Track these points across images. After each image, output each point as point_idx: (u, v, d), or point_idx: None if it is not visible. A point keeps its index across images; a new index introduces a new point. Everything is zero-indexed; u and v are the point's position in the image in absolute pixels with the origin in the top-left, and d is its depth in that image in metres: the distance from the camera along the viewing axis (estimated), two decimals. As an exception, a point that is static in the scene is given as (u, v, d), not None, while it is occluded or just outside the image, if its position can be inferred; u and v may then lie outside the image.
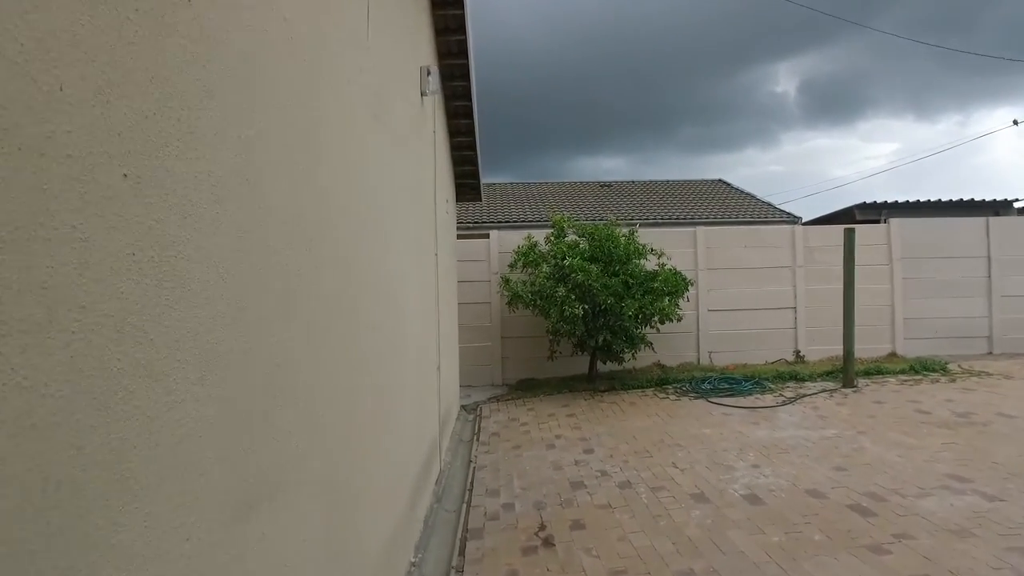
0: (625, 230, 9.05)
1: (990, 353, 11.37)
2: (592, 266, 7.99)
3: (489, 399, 8.42)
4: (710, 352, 10.56)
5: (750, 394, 7.99)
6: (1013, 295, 11.50)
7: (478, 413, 7.52)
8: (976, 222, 11.59)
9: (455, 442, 5.71)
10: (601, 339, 8.14)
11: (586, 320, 8.11)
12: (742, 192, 22.13)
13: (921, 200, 12.46)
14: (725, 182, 23.79)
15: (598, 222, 9.06)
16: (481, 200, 8.87)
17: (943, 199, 12.45)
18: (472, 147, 7.23)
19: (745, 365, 10.33)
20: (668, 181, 23.98)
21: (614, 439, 5.86)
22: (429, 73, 4.12)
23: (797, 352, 10.80)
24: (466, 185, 8.24)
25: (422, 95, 4.07)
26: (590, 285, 7.82)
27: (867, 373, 9.28)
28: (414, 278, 3.66)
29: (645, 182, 23.86)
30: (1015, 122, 22.22)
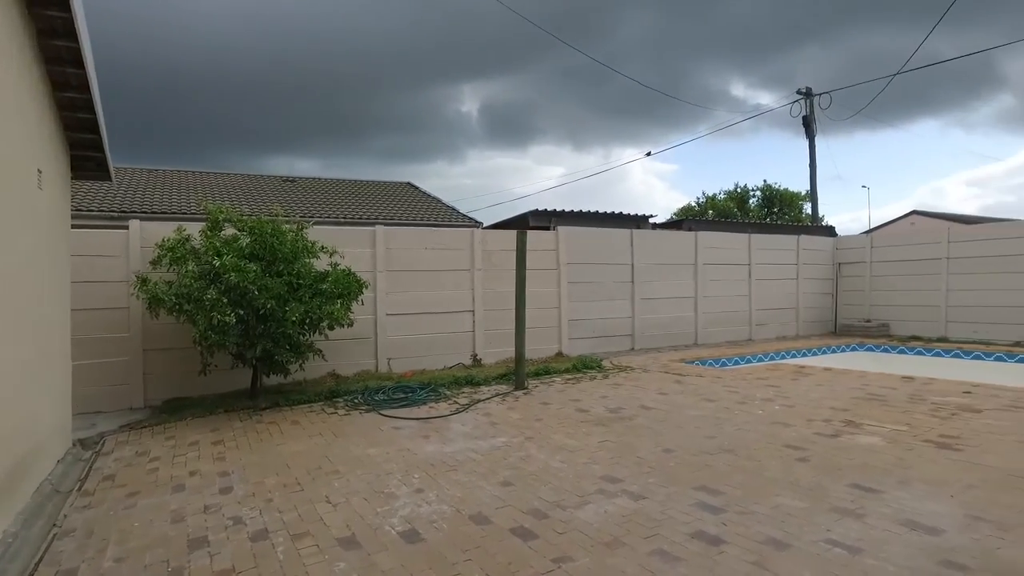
0: (293, 225, 8.13)
1: (632, 349, 12.96)
2: (251, 265, 6.93)
3: (121, 427, 6.81)
4: (389, 359, 10.16)
5: (425, 403, 7.70)
6: (647, 298, 13.29)
7: (98, 449, 5.94)
8: (623, 233, 13.13)
9: (41, 498, 4.25)
10: (260, 349, 7.11)
11: (243, 327, 7.01)
12: (429, 196, 22.49)
13: (584, 210, 13.77)
14: (413, 185, 23.99)
15: (264, 216, 7.97)
16: (111, 179, 7.13)
17: (600, 211, 13.93)
18: (90, 107, 5.65)
19: (424, 371, 10.14)
20: (356, 181, 23.33)
21: (262, 471, 4.96)
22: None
23: (475, 356, 10.98)
24: (88, 159, 6.52)
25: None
26: (247, 287, 6.75)
27: (537, 374, 9.73)
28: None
29: (332, 180, 22.89)
30: (648, 153, 26.39)
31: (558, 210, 13.31)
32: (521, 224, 12.94)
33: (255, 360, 7.42)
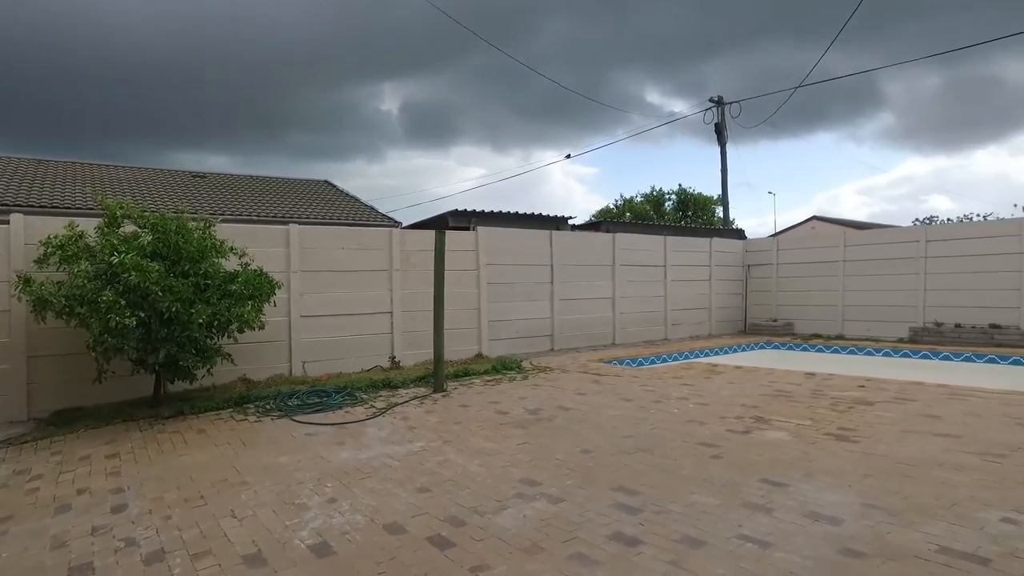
0: (200, 223, 7.70)
1: (552, 350, 13.07)
2: (154, 264, 6.50)
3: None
4: (304, 362, 9.81)
5: (341, 408, 7.46)
6: (566, 298, 13.44)
7: (-29, 470, 5.40)
8: (543, 234, 13.22)
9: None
10: (164, 354, 6.69)
11: (145, 331, 6.58)
12: (347, 195, 21.96)
13: (504, 211, 13.77)
14: (331, 183, 23.36)
15: (168, 213, 7.51)
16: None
17: (520, 211, 13.97)
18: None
19: (341, 374, 9.85)
20: (271, 178, 22.50)
21: (162, 485, 4.64)
22: None
23: (393, 358, 10.76)
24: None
25: None
26: (149, 288, 6.33)
27: (457, 376, 9.64)
28: None
29: (246, 176, 21.98)
30: (568, 156, 26.69)
31: (478, 210, 13.27)
32: (441, 224, 12.81)
33: (157, 366, 6.97)
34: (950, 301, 13.50)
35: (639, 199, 35.91)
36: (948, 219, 29.89)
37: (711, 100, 20.70)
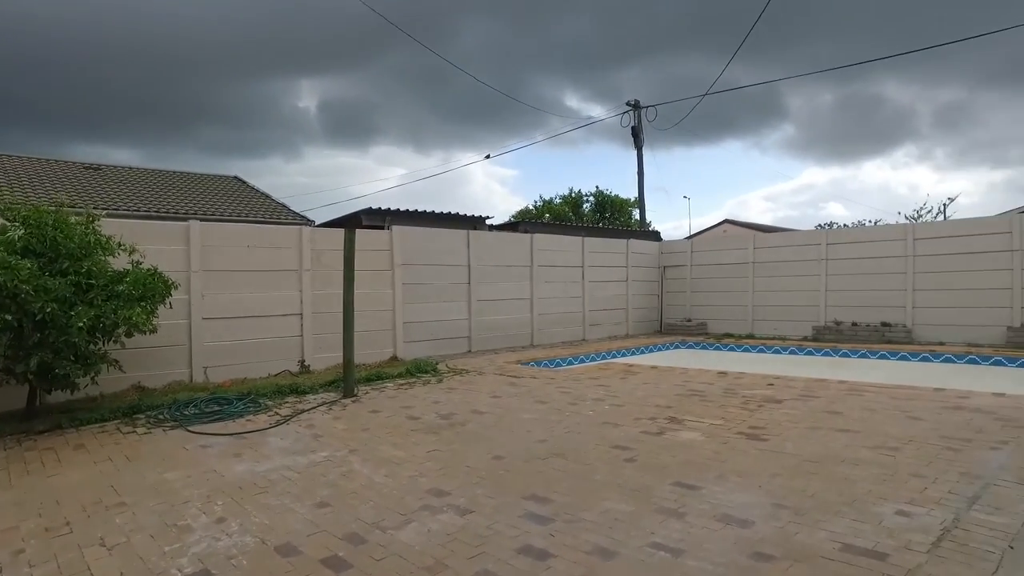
0: (83, 218, 7.04)
1: (469, 351, 12.86)
2: (25, 262, 5.85)
3: None
4: (206, 368, 9.19)
5: (242, 415, 6.98)
6: (484, 299, 13.26)
7: None
8: (460, 234, 12.99)
9: None
10: (36, 361, 6.03)
11: (14, 336, 5.92)
12: (257, 191, 21.01)
13: (420, 210, 13.44)
14: (241, 180, 22.30)
15: (45, 205, 6.82)
16: None
17: (436, 211, 13.68)
18: None
19: (246, 380, 9.28)
20: (176, 172, 21.22)
21: (19, 512, 4.11)
22: None
23: (303, 362, 10.26)
24: None
25: None
26: (18, 287, 5.69)
27: (369, 380, 9.27)
28: None
29: (147, 170, 20.60)
30: (488, 156, 26.58)
31: (393, 209, 12.89)
32: (354, 223, 12.36)
33: (30, 375, 6.28)
34: (848, 301, 14.18)
35: (558, 201, 36.24)
36: (844, 224, 31.69)
37: (628, 104, 21.08)
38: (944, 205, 32.26)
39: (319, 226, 14.39)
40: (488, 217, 14.35)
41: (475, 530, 3.62)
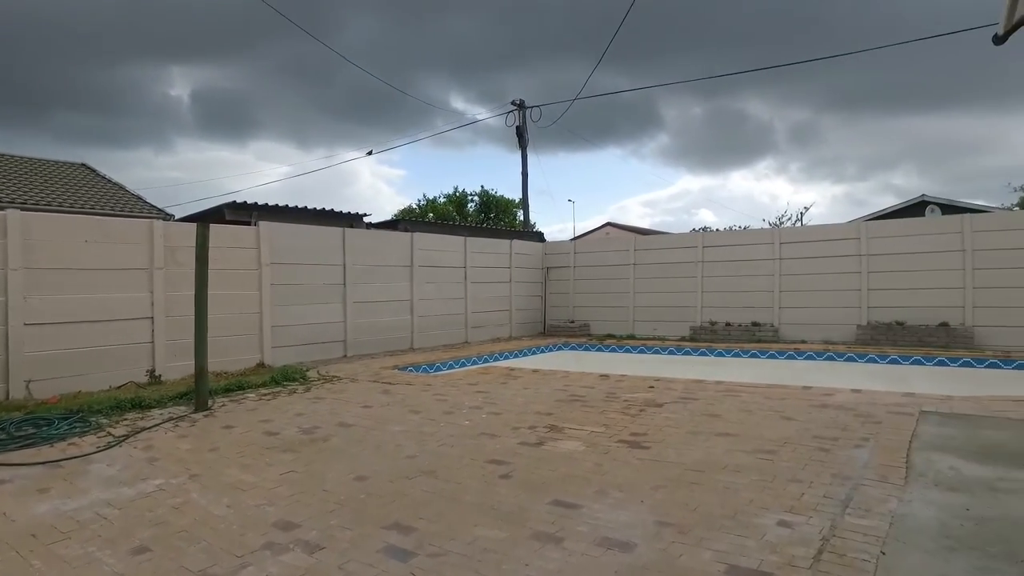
0: None
1: (345, 356, 12.12)
2: None
3: None
4: (28, 382, 7.95)
5: (64, 438, 5.97)
6: (361, 301, 12.56)
7: None
8: (335, 232, 12.22)
9: None
10: None
11: None
12: (109, 181, 19.04)
13: (291, 205, 12.51)
14: (89, 168, 20.12)
15: None
16: None
17: (309, 207, 12.79)
18: None
19: (79, 394, 8.11)
20: (11, 156, 18.78)
21: None
22: None
23: (152, 372, 9.15)
24: None
25: None
26: None
27: (228, 390, 8.39)
28: None
29: (-28, 154, 18.11)
30: (370, 152, 25.66)
31: (261, 204, 11.89)
32: (215, 217, 11.28)
33: None
34: (722, 302, 14.70)
35: (442, 200, 35.64)
36: (716, 229, 33.40)
37: (513, 103, 20.96)
38: (801, 213, 34.83)
39: (179, 220, 13.08)
40: (366, 215, 13.63)
41: (325, 571, 3.09)
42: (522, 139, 21.14)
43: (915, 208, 20.60)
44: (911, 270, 12.67)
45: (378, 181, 78.50)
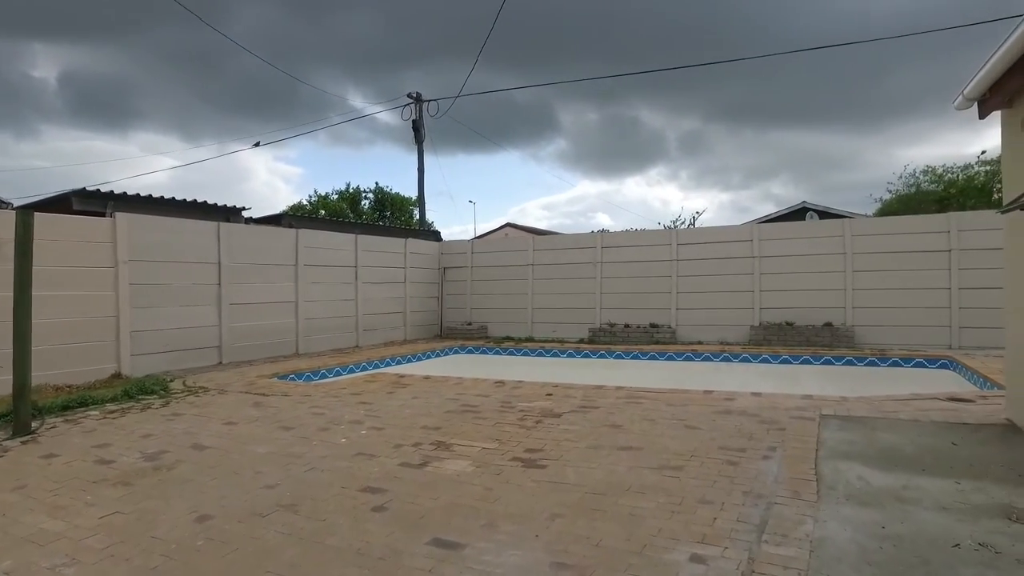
0: None
1: (220, 363, 10.97)
2: None
3: None
4: None
5: None
6: (239, 303, 11.44)
7: None
8: (209, 226, 11.04)
9: None
10: None
11: None
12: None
13: (154, 196, 11.16)
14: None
15: None
16: None
17: (178, 197, 11.49)
18: None
19: None
20: None
21: None
22: None
23: (-31, 386, 7.73)
24: None
25: None
26: None
27: (67, 407, 7.20)
28: None
29: None
30: (257, 144, 24.04)
31: (119, 193, 10.52)
32: (60, 207, 9.84)
33: None
34: (621, 303, 14.59)
35: (335, 197, 33.99)
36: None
37: (409, 96, 20.11)
38: (694, 218, 35.94)
39: (18, 209, 11.41)
40: (244, 208, 12.41)
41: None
42: (418, 133, 20.34)
43: (797, 214, 21.56)
44: (799, 272, 13.02)
45: (275, 179, 74.83)
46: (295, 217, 13.91)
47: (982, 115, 5.59)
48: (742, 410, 6.49)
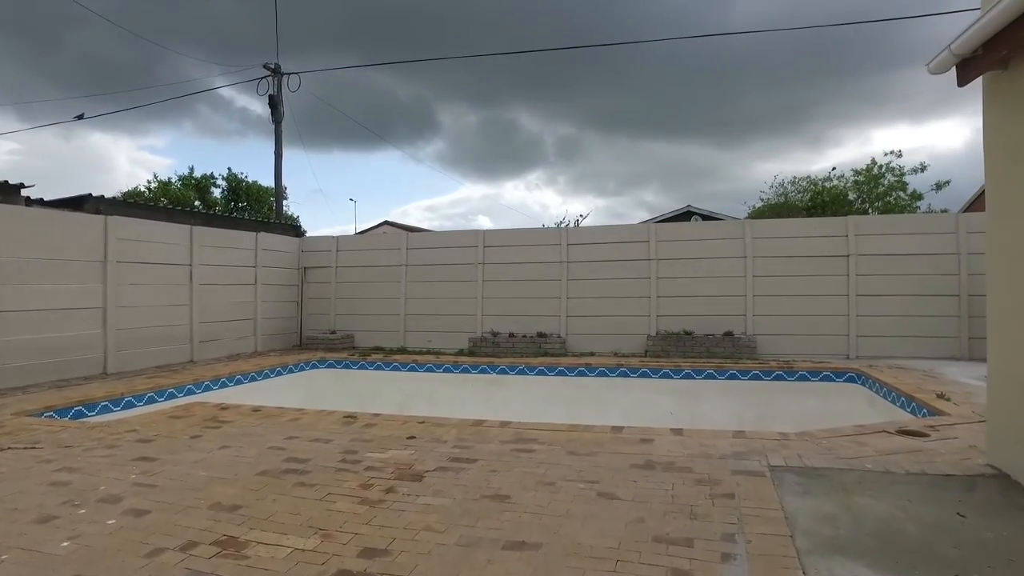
0: None
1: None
2: None
3: None
4: None
5: None
6: (14, 309, 8.72)
7: None
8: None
9: None
10: None
11: None
12: None
13: None
14: None
15: None
16: None
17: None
18: None
19: None
20: None
21: None
22: None
23: None
24: None
25: None
26: None
27: None
28: None
29: None
30: (80, 116, 20.46)
31: None
32: None
33: None
34: (505, 310, 13.04)
35: (178, 183, 29.79)
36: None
37: (266, 67, 17.46)
38: (578, 221, 35.35)
39: None
40: (26, 185, 9.61)
41: None
42: (276, 110, 17.73)
43: (682, 217, 21.04)
44: (699, 276, 12.02)
45: (138, 169, 67.64)
46: (107, 201, 11.15)
47: (963, 81, 4.40)
48: (668, 461, 4.97)
